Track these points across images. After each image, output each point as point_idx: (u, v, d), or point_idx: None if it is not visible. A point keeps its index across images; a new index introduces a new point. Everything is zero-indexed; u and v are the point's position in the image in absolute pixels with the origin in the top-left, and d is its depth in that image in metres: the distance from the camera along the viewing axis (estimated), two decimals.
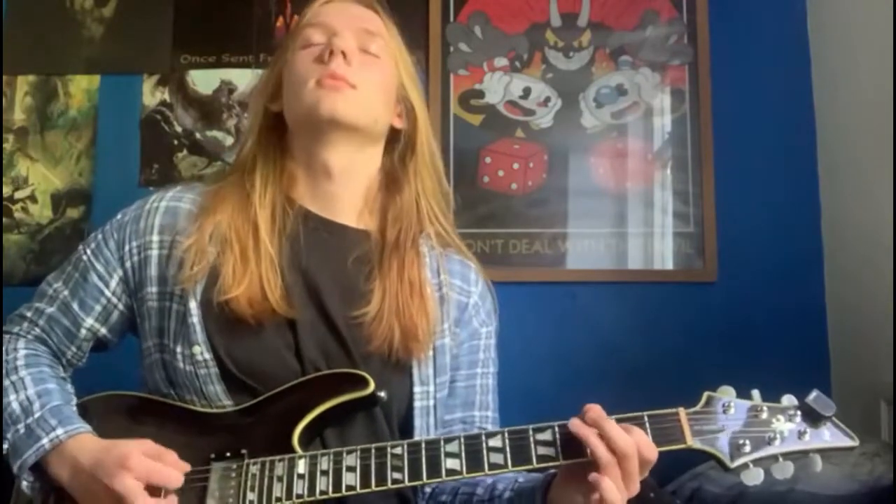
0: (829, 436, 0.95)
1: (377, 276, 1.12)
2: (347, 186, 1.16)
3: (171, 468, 0.97)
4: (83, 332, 1.14)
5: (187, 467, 0.98)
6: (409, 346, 1.10)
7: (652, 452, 0.93)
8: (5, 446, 1.02)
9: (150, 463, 0.96)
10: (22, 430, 1.02)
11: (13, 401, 1.04)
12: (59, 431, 1.01)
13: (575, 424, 0.93)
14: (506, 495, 1.07)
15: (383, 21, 1.18)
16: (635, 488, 0.93)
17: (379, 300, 1.10)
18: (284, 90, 1.15)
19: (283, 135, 1.17)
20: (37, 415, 1.03)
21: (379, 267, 1.13)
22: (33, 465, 1.00)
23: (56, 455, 1.00)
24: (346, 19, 1.14)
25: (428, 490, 1.15)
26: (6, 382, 1.06)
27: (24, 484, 1.01)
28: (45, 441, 1.00)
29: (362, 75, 1.11)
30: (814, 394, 0.96)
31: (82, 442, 1.01)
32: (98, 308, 1.13)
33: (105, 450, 0.98)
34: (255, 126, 1.18)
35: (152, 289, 1.11)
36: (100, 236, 1.16)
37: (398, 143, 1.20)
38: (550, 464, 0.95)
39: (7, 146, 2.14)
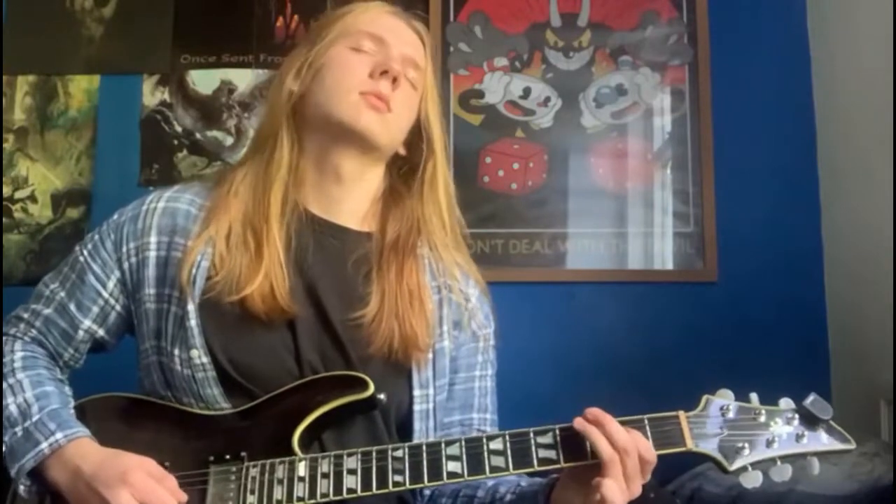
0: (827, 439, 0.95)
1: (375, 279, 1.12)
2: (353, 192, 1.16)
3: (170, 494, 0.96)
4: (80, 333, 1.13)
5: (184, 498, 0.97)
6: (408, 353, 1.10)
7: (651, 453, 0.93)
8: (3, 449, 1.01)
9: (150, 483, 0.95)
10: (20, 434, 1.01)
11: (11, 403, 1.04)
12: (59, 436, 1.00)
13: (578, 422, 0.94)
14: (507, 498, 1.06)
15: (426, 54, 1.20)
16: (637, 489, 0.93)
17: (377, 303, 1.10)
18: (318, 80, 1.14)
19: (300, 123, 1.16)
20: (35, 418, 1.02)
21: (378, 269, 1.13)
22: (31, 469, 1.00)
23: (55, 459, 1.00)
24: (400, 42, 1.16)
25: (427, 493, 1.14)
26: (4, 385, 1.06)
27: (21, 488, 1.01)
28: (44, 445, 0.99)
29: (399, 102, 1.13)
30: (811, 397, 0.96)
31: (82, 447, 1.00)
32: (95, 309, 1.12)
33: (107, 460, 0.98)
34: (277, 109, 1.15)
35: (150, 290, 1.10)
36: (97, 237, 1.15)
37: (402, 165, 1.21)
38: (551, 466, 0.95)
39: (7, 146, 2.14)
